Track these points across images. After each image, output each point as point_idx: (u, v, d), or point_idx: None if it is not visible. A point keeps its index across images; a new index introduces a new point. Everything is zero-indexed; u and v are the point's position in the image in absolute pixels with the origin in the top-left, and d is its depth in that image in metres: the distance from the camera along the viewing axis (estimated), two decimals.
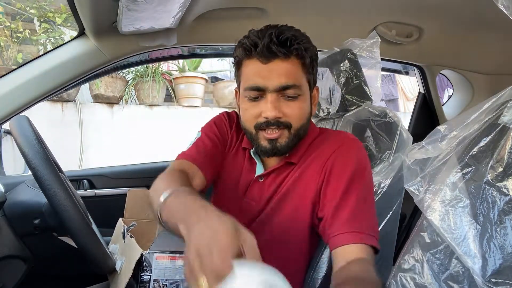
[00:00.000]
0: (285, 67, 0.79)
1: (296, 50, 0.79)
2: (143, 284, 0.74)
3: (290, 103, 0.82)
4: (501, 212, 0.46)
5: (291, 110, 0.82)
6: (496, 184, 0.47)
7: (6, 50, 3.37)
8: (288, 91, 0.81)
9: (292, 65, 0.80)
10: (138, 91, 3.87)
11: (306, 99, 0.85)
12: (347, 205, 0.79)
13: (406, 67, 2.10)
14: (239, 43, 0.84)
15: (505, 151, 0.47)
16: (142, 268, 0.75)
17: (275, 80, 0.79)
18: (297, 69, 0.81)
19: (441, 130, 0.56)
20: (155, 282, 0.73)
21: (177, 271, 0.74)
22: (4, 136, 1.51)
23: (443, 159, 0.53)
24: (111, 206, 1.31)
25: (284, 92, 0.81)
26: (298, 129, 0.84)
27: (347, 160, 0.83)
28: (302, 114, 0.84)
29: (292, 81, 0.80)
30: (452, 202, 0.50)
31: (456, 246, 0.47)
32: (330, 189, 0.82)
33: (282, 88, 0.80)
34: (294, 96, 0.81)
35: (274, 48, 0.77)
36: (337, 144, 0.86)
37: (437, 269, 0.51)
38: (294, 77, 0.80)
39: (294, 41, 0.79)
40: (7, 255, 0.85)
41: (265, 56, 0.79)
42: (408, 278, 0.54)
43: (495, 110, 0.51)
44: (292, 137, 0.84)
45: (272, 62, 0.79)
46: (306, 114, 0.86)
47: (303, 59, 0.82)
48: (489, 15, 1.32)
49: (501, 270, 0.44)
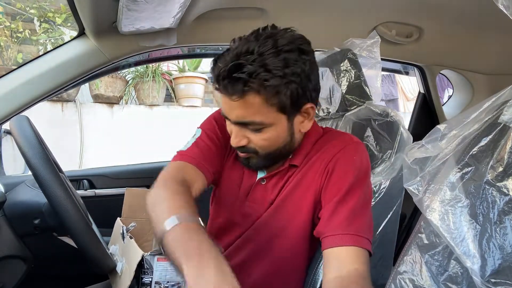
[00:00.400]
0: (241, 105, 0.74)
1: (251, 88, 0.72)
2: (145, 287, 0.73)
3: (255, 134, 0.79)
4: (501, 212, 0.46)
5: (256, 139, 0.79)
6: (496, 184, 0.47)
7: (6, 50, 3.37)
8: (249, 126, 0.77)
9: (250, 101, 0.74)
10: (138, 91, 3.87)
11: (276, 128, 0.79)
12: (346, 208, 0.78)
13: (406, 67, 2.10)
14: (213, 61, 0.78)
15: (505, 151, 0.47)
16: (143, 270, 0.74)
17: (233, 115, 0.77)
18: (256, 105, 0.74)
19: (441, 129, 0.56)
20: (157, 284, 0.72)
21: (178, 273, 0.73)
22: (4, 136, 1.51)
23: (443, 159, 0.53)
24: (111, 206, 1.31)
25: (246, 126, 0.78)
26: (268, 154, 0.82)
27: (349, 163, 0.83)
28: (270, 143, 0.80)
29: (250, 118, 0.76)
30: (451, 202, 0.50)
31: (455, 246, 0.47)
32: (330, 190, 0.82)
33: (240, 123, 0.78)
34: (258, 129, 0.78)
35: (229, 89, 0.73)
36: (340, 146, 0.86)
37: (436, 271, 0.51)
38: (252, 114, 0.75)
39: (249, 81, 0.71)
40: (7, 255, 0.85)
41: (225, 91, 0.75)
42: (406, 280, 0.54)
43: (495, 110, 0.50)
44: (264, 159, 0.83)
45: (231, 97, 0.75)
46: (279, 141, 0.81)
47: (264, 94, 0.73)
48: (489, 15, 1.32)
49: (501, 270, 0.44)
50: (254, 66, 0.71)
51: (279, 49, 0.72)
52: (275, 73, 0.72)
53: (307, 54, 0.77)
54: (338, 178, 0.82)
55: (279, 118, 0.78)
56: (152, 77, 3.75)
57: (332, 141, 0.88)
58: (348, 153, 0.84)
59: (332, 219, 0.78)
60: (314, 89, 0.80)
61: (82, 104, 3.62)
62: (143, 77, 3.76)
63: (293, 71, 0.73)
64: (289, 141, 0.83)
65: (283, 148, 0.83)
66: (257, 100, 0.73)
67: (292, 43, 0.75)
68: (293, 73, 0.74)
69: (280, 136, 0.81)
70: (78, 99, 3.60)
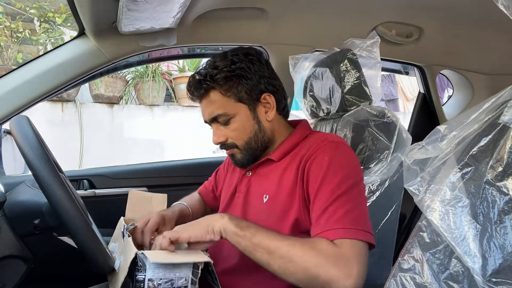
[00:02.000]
0: (206, 103, 0.93)
1: (206, 88, 0.91)
2: (138, 283, 0.74)
3: (226, 127, 0.93)
4: (501, 212, 0.46)
5: (229, 132, 0.94)
6: (496, 184, 0.47)
7: (6, 50, 3.37)
8: (219, 119, 0.93)
9: (211, 98, 0.92)
10: (138, 91, 3.87)
11: (241, 118, 0.93)
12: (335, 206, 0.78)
13: (406, 67, 2.10)
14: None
15: (505, 151, 0.47)
16: (137, 268, 0.75)
17: (205, 115, 0.95)
18: (217, 99, 0.92)
19: (441, 130, 0.56)
20: (150, 281, 0.73)
21: (171, 269, 0.75)
22: (4, 136, 1.51)
23: (443, 159, 0.53)
24: (111, 206, 1.31)
25: (218, 121, 0.93)
26: (245, 145, 0.94)
27: (321, 161, 0.84)
28: (240, 133, 0.93)
29: (216, 112, 0.92)
30: (452, 202, 0.50)
31: (456, 246, 0.47)
32: (312, 191, 0.83)
33: (211, 120, 0.94)
34: (226, 121, 0.93)
35: (196, 94, 0.94)
36: (317, 145, 0.88)
37: (437, 269, 0.51)
38: (216, 108, 0.92)
39: (204, 81, 0.91)
40: (7, 255, 0.85)
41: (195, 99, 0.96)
42: (408, 278, 0.54)
43: (495, 110, 0.51)
44: (245, 152, 0.95)
45: (200, 102, 0.95)
46: (247, 129, 0.94)
47: (219, 89, 0.91)
48: (489, 15, 1.32)
49: (501, 269, 0.44)
50: (206, 70, 0.92)
51: (227, 54, 0.93)
52: (223, 69, 0.90)
53: (253, 55, 0.94)
54: (316, 177, 0.83)
55: (240, 108, 0.92)
56: (152, 77, 3.76)
57: (309, 141, 0.93)
58: (321, 152, 0.86)
59: (320, 219, 0.78)
60: (269, 83, 0.94)
61: (82, 104, 3.62)
62: (143, 77, 3.76)
63: (240, 66, 0.91)
64: (257, 129, 0.94)
65: (257, 138, 0.94)
66: (217, 95, 0.91)
67: (239, 50, 0.94)
68: (240, 68, 0.91)
69: (246, 125, 0.93)
70: (78, 99, 3.60)
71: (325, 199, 0.79)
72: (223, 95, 0.91)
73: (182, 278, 0.75)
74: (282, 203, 0.88)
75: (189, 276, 0.76)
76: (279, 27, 1.44)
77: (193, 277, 0.76)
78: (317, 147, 0.88)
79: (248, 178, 0.99)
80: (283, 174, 0.91)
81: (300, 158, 0.89)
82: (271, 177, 0.93)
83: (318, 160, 0.85)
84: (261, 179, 0.96)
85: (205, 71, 0.91)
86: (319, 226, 0.78)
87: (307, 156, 0.88)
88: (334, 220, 0.76)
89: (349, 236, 0.74)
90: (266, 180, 0.94)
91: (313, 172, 0.84)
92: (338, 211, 0.77)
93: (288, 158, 0.93)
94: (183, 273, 0.75)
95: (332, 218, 0.76)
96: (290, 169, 0.90)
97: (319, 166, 0.84)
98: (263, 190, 0.93)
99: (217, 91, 0.91)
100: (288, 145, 0.95)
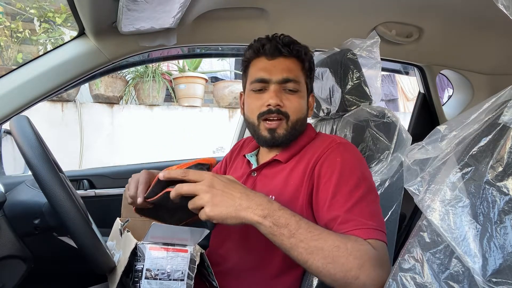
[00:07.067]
0: (287, 63, 0.93)
1: (297, 51, 0.94)
2: (137, 273, 0.77)
3: (290, 96, 0.93)
4: (501, 212, 0.46)
5: (290, 102, 0.92)
6: (496, 184, 0.47)
7: (6, 50, 3.37)
8: (288, 84, 0.92)
9: (293, 63, 0.94)
10: (138, 91, 3.87)
11: (303, 96, 0.96)
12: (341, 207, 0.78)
13: (406, 67, 2.10)
14: (249, 46, 0.98)
15: (505, 151, 0.47)
16: (136, 258, 0.78)
17: (278, 73, 0.92)
18: (297, 67, 0.95)
19: (441, 130, 0.56)
20: (147, 271, 0.77)
21: (168, 262, 0.78)
22: (4, 136, 1.51)
23: (443, 159, 0.53)
24: (111, 206, 1.31)
25: (285, 85, 0.92)
26: (295, 122, 0.93)
27: (332, 161, 0.85)
28: (299, 107, 0.94)
29: (292, 76, 0.93)
30: (452, 202, 0.50)
31: (456, 246, 0.47)
32: (321, 194, 0.83)
33: (283, 80, 0.92)
34: (293, 90, 0.93)
35: (279, 47, 0.92)
36: (322, 147, 0.89)
37: (437, 269, 0.51)
38: (294, 73, 0.93)
39: (296, 45, 0.95)
40: (7, 255, 0.85)
41: (271, 53, 0.93)
42: (408, 278, 0.54)
43: (495, 110, 0.50)
44: (290, 128, 0.93)
45: (276, 59, 0.93)
46: (303, 109, 0.96)
47: (303, 62, 0.96)
48: (489, 15, 1.32)
49: (502, 269, 0.44)
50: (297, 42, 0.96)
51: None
52: (310, 54, 0.98)
53: None
54: (329, 177, 0.83)
55: (304, 89, 0.96)
56: (152, 77, 3.76)
57: (316, 144, 0.94)
58: (331, 154, 0.87)
59: (348, 217, 0.77)
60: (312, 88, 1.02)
61: (82, 104, 3.62)
62: (143, 77, 3.76)
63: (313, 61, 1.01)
64: (305, 117, 0.97)
65: (302, 123, 0.96)
66: (298, 64, 0.95)
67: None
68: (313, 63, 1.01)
69: (303, 106, 0.96)
70: (78, 99, 3.60)
71: (345, 199, 0.79)
72: (302, 70, 0.96)
73: (179, 271, 0.78)
74: (285, 204, 0.87)
75: (185, 270, 0.78)
76: (279, 27, 1.43)
77: (190, 272, 0.79)
78: (326, 149, 0.88)
79: (254, 178, 0.98)
80: (289, 175, 0.91)
81: (308, 160, 0.90)
82: (277, 178, 0.93)
83: (329, 161, 0.85)
84: (267, 180, 0.95)
85: (300, 44, 0.96)
86: (348, 224, 0.76)
87: (316, 157, 0.88)
88: (365, 219, 0.76)
89: (379, 237, 0.74)
90: (272, 181, 0.94)
91: (326, 173, 0.84)
92: (364, 209, 0.77)
93: (294, 160, 0.93)
94: (180, 266, 0.78)
95: (361, 216, 0.76)
96: (297, 171, 0.90)
97: (332, 166, 0.84)
98: (268, 191, 0.92)
99: (300, 63, 0.95)
100: (297, 147, 0.95)
